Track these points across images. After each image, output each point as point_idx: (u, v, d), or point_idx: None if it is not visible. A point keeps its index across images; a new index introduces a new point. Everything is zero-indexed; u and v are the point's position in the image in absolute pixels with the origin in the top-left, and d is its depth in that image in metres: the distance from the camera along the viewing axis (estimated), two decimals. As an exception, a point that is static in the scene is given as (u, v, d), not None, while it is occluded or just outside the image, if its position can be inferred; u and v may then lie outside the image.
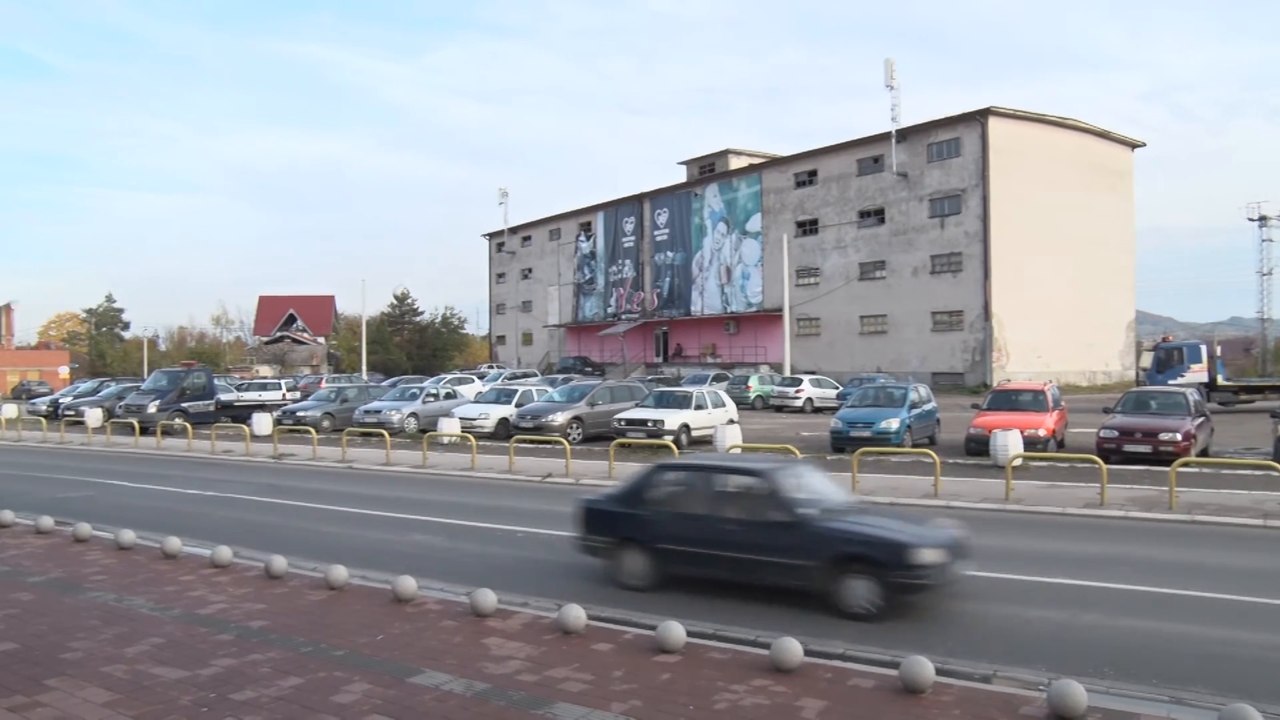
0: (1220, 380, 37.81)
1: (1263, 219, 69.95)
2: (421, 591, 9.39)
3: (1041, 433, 21.53)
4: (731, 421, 26.61)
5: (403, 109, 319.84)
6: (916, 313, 56.44)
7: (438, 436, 26.34)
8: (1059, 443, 22.67)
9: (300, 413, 33.81)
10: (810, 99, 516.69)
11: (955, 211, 54.54)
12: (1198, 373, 36.61)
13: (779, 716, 6.15)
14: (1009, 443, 19.53)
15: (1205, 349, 38.48)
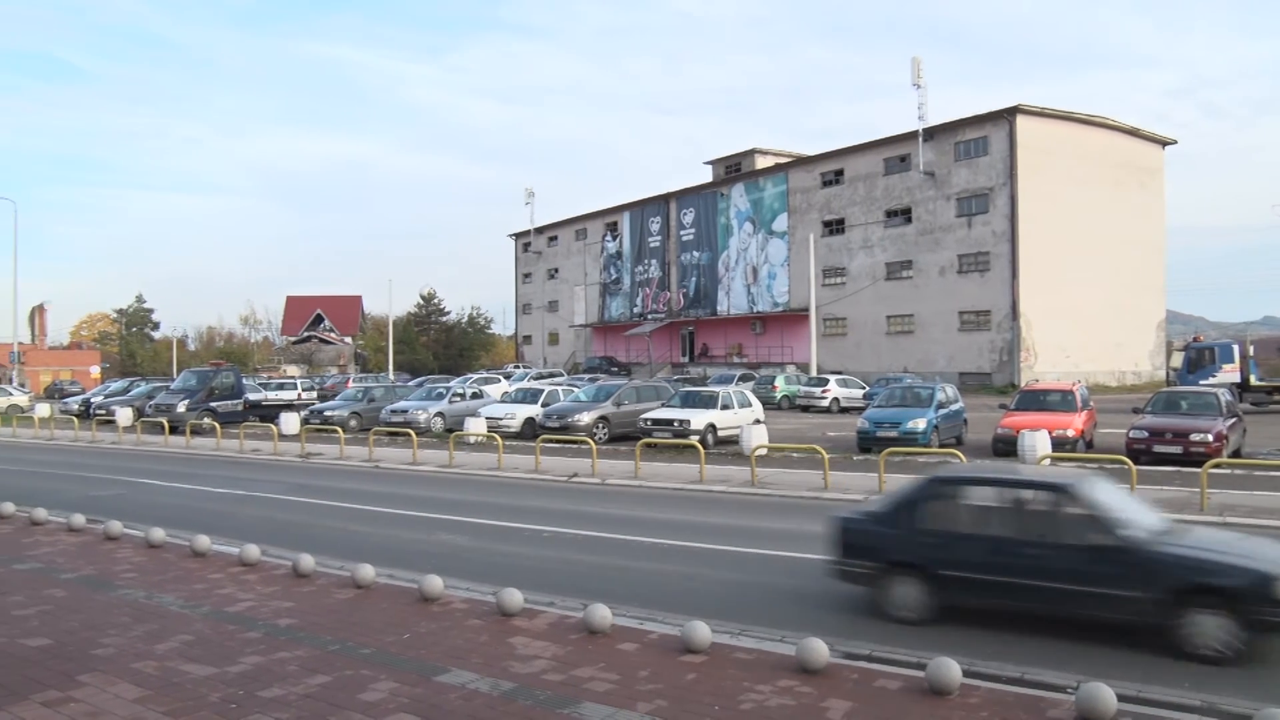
0: (1253, 380, 37.30)
1: (1295, 217, 68.96)
2: (447, 590, 9.42)
3: (1070, 433, 21.35)
4: (758, 421, 26.54)
5: (427, 109, 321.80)
6: (943, 312, 56.08)
7: (464, 436, 26.43)
8: (1088, 443, 22.47)
9: (327, 412, 34.05)
10: (835, 98, 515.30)
11: (983, 210, 54.14)
12: (1230, 373, 36.14)
13: (804, 717, 6.13)
14: (1037, 443, 19.38)
15: (1238, 349, 37.97)
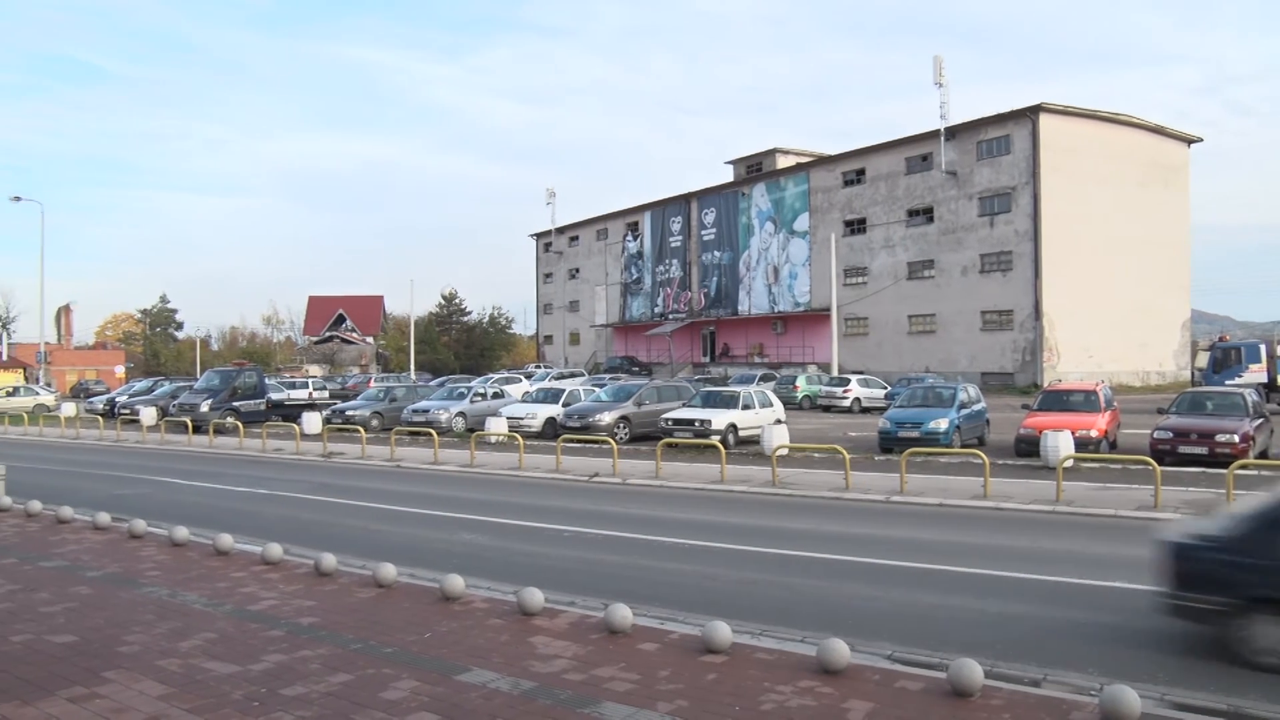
0: (1281, 380, 36.98)
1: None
2: (468, 590, 9.44)
3: (1093, 433, 21.20)
4: (779, 421, 26.51)
5: (449, 110, 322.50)
6: (966, 312, 55.81)
7: (485, 436, 26.51)
8: (1111, 444, 22.31)
9: (349, 412, 34.23)
10: (856, 97, 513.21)
11: (1005, 210, 53.85)
12: (1256, 373, 35.79)
13: (825, 718, 6.11)
14: (1060, 444, 19.25)
15: (1264, 348, 37.58)
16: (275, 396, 39.18)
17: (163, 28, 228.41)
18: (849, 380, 43.68)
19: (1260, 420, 20.76)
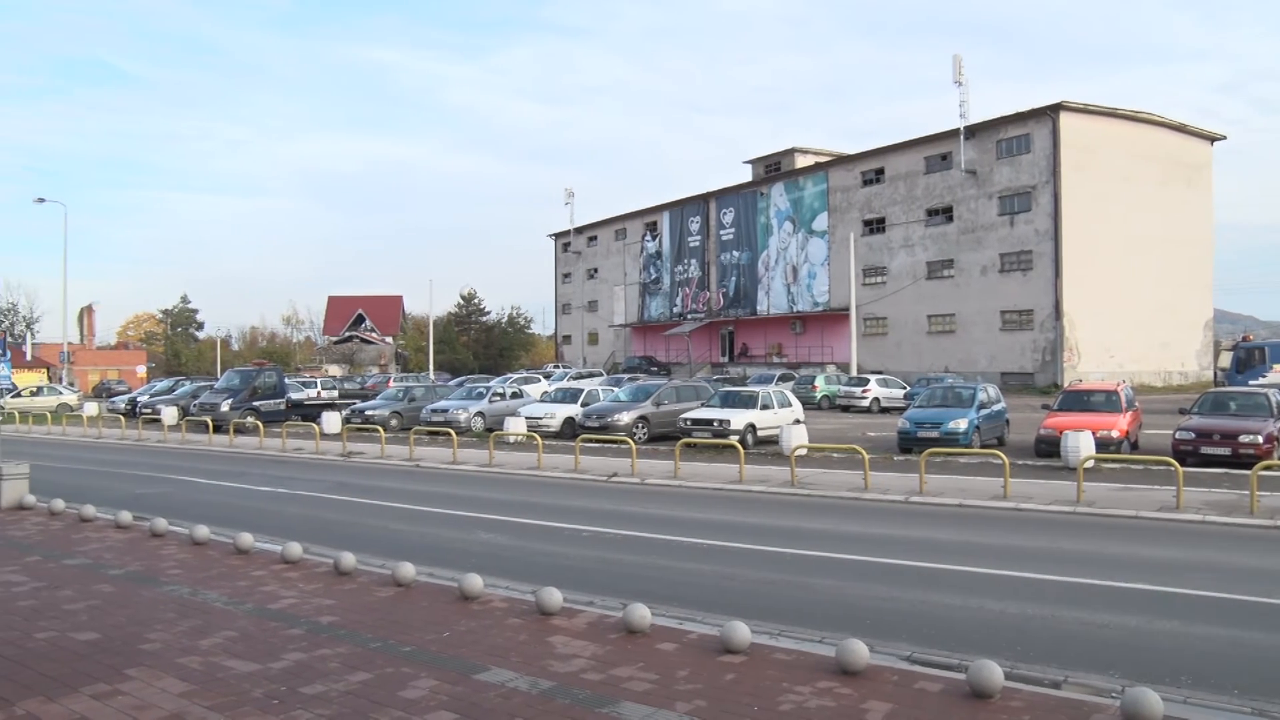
0: (1304, 381, 36.61)
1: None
2: (487, 589, 9.45)
3: (1114, 434, 21.07)
4: (798, 422, 26.46)
5: (468, 110, 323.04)
6: (985, 312, 55.57)
7: (504, 435, 26.56)
8: (1133, 444, 22.16)
9: (369, 412, 34.37)
10: (875, 97, 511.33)
11: (1025, 209, 53.59)
12: (1280, 373, 35.50)
13: (844, 718, 6.09)
14: (1080, 444, 19.14)
15: (1288, 348, 37.25)
16: (295, 396, 39.38)
17: (184, 30, 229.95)
18: (868, 380, 43.58)
19: (1284, 421, 20.56)
